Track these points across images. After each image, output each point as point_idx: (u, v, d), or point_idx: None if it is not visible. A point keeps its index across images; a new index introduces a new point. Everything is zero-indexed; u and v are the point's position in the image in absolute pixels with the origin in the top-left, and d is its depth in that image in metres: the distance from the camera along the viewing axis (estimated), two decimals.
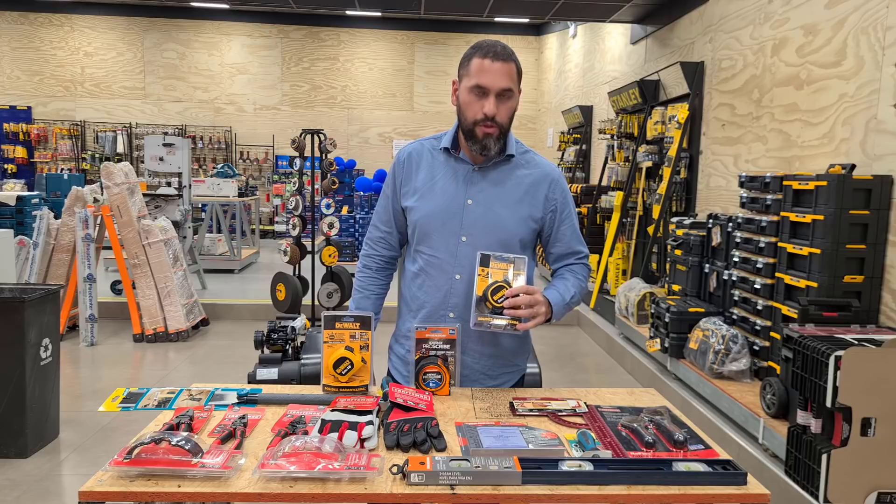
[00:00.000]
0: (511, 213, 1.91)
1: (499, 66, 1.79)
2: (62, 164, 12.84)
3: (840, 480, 2.43)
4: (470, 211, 1.90)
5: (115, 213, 5.77)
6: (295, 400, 1.81)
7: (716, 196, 5.71)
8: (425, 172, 1.95)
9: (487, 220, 1.90)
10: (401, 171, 1.99)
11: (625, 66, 8.23)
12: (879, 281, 3.54)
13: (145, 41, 12.85)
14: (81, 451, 3.70)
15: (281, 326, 2.86)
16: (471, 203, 1.90)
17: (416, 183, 1.95)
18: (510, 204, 1.91)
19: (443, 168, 1.94)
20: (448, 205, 1.91)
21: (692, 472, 1.42)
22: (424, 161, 1.97)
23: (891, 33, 3.59)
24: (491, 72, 1.79)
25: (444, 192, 1.92)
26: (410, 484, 1.35)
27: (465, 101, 1.85)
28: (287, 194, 12.51)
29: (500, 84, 1.80)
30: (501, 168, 1.93)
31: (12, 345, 3.48)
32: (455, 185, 1.92)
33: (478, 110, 1.82)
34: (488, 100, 1.81)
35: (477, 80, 1.81)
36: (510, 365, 2.06)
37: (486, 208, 1.90)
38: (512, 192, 1.92)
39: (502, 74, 1.80)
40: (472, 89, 1.82)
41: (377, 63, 13.38)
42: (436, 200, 1.92)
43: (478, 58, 1.81)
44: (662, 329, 4.71)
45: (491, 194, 1.91)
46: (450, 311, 1.95)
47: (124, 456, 1.38)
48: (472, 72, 1.82)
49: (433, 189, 1.93)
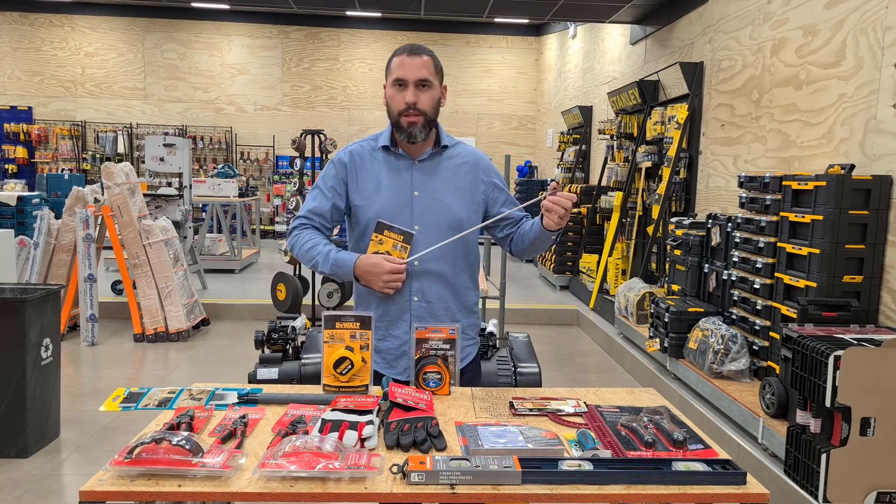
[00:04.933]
0: (455, 198, 2.06)
1: (414, 60, 2.00)
2: (63, 165, 12.84)
3: (839, 480, 2.44)
4: (418, 202, 2.04)
5: (116, 214, 5.78)
6: (295, 399, 1.82)
7: (715, 196, 5.72)
8: (369, 172, 2.08)
9: (436, 207, 2.04)
10: (343, 172, 2.10)
11: (624, 66, 8.23)
12: (878, 281, 3.55)
13: (146, 41, 12.86)
14: (82, 450, 3.71)
15: (281, 326, 2.86)
16: (417, 194, 2.05)
17: (361, 182, 2.08)
18: (453, 191, 2.07)
19: (385, 165, 2.08)
20: (396, 199, 2.04)
21: (691, 471, 1.42)
22: (366, 161, 2.09)
23: (890, 33, 3.60)
24: (407, 65, 1.99)
25: (391, 188, 2.05)
26: (410, 483, 1.36)
27: (390, 96, 2.03)
28: (287, 194, 12.52)
29: (417, 75, 1.99)
30: (438, 158, 2.09)
31: (13, 345, 3.48)
32: (399, 179, 2.06)
33: (400, 101, 2.00)
34: (408, 90, 1.99)
35: (396, 74, 2.00)
36: (467, 337, 2.13)
37: (433, 198, 2.05)
38: (452, 179, 2.08)
39: (418, 67, 1.99)
40: (394, 84, 2.01)
41: (377, 63, 13.37)
42: (384, 196, 2.04)
43: (396, 56, 2.03)
44: (662, 329, 4.72)
45: (434, 184, 2.06)
46: (414, 296, 2.05)
47: (125, 455, 1.38)
48: (393, 68, 2.02)
49: (380, 186, 2.05)
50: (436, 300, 2.06)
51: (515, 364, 2.55)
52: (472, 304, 2.16)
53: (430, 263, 2.02)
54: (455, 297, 2.09)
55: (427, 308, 2.06)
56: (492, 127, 13.74)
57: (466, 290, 2.14)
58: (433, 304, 2.06)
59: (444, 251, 2.00)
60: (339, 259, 2.01)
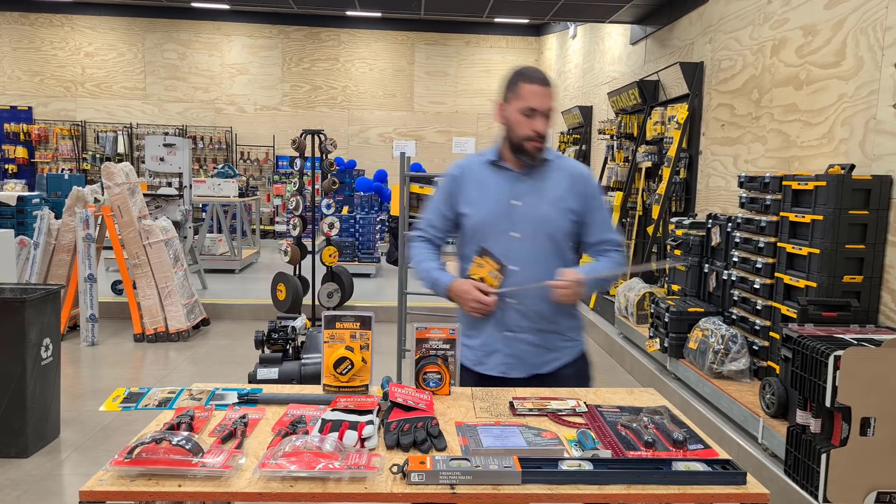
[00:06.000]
0: (553, 208, 2.16)
1: (547, 91, 2.11)
2: (63, 165, 12.85)
3: (839, 480, 2.44)
4: (517, 211, 2.15)
5: (116, 214, 5.78)
6: (295, 399, 1.82)
7: (715, 196, 5.72)
8: (475, 183, 2.23)
9: (534, 216, 2.15)
10: (456, 185, 2.26)
11: (624, 66, 8.23)
12: (878, 281, 3.55)
13: (146, 41, 12.86)
14: (82, 450, 3.71)
15: (281, 326, 2.86)
16: (518, 204, 2.16)
17: (468, 192, 2.23)
18: (552, 200, 2.17)
19: (490, 177, 2.21)
20: (497, 207, 2.17)
21: (691, 471, 1.42)
22: (474, 174, 2.24)
23: (890, 34, 3.60)
24: (540, 95, 2.10)
25: (493, 197, 2.19)
26: (410, 483, 1.36)
27: (516, 120, 2.12)
28: (287, 194, 12.51)
29: (547, 105, 2.11)
30: (540, 170, 2.19)
31: (13, 345, 3.48)
32: (501, 190, 2.18)
33: (528, 129, 2.10)
34: (538, 120, 2.10)
35: (528, 103, 2.09)
36: (566, 339, 2.24)
37: (532, 206, 2.16)
38: (552, 190, 2.18)
39: (549, 97, 2.12)
40: (523, 111, 2.10)
41: (377, 64, 13.39)
42: (488, 205, 2.18)
43: (526, 83, 2.11)
44: (662, 329, 4.72)
45: (533, 194, 2.17)
46: (508, 298, 2.13)
47: (125, 455, 1.38)
48: (524, 95, 2.10)
49: (484, 196, 2.20)
50: (529, 302, 2.12)
51: None
52: (568, 307, 2.20)
53: (524, 266, 2.11)
54: (547, 300, 2.12)
55: (520, 309, 2.13)
56: (492, 127, 13.74)
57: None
58: (526, 305, 2.12)
59: (537, 254, 2.12)
60: (438, 280, 2.19)
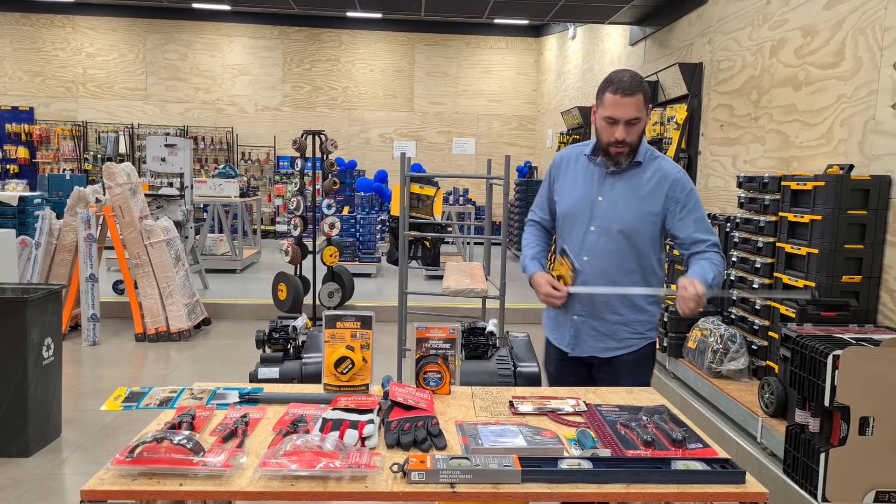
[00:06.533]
0: (634, 209, 2.28)
1: (627, 100, 2.18)
2: (64, 165, 12.86)
3: (838, 479, 2.44)
4: (599, 206, 2.30)
5: (118, 214, 5.79)
6: (296, 399, 1.83)
7: (714, 196, 5.72)
8: (570, 174, 2.39)
9: (613, 214, 2.28)
10: (556, 172, 2.45)
11: (624, 67, 8.24)
12: (877, 281, 3.55)
13: (147, 42, 12.87)
14: (83, 450, 3.72)
15: (282, 326, 2.87)
16: (601, 200, 2.30)
17: (563, 181, 2.41)
18: (634, 202, 2.28)
19: (583, 170, 2.37)
20: (583, 200, 2.33)
21: (691, 470, 1.43)
22: (571, 164, 2.41)
23: (889, 34, 3.60)
24: (620, 105, 2.18)
25: (580, 191, 2.35)
26: (411, 482, 1.36)
27: (601, 127, 2.26)
28: (288, 195, 12.51)
29: (628, 115, 2.19)
30: (630, 171, 2.30)
31: (14, 344, 3.49)
32: (589, 184, 2.34)
33: (610, 135, 2.22)
34: (619, 128, 2.20)
35: (609, 112, 2.21)
36: (633, 332, 2.35)
37: (613, 204, 2.29)
38: (636, 191, 2.29)
39: (630, 107, 2.18)
40: (606, 119, 2.22)
41: (378, 64, 13.39)
42: (575, 196, 2.35)
43: (610, 93, 2.20)
44: (661, 328, 4.73)
45: (618, 193, 2.29)
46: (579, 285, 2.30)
47: (126, 455, 1.39)
48: (606, 104, 2.22)
49: (573, 187, 2.37)
50: (597, 294, 2.27)
51: (515, 363, 2.56)
52: (639, 302, 2.33)
53: (595, 258, 2.28)
54: (617, 294, 2.27)
55: (588, 299, 2.30)
56: (492, 127, 13.75)
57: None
58: (594, 296, 2.29)
59: (610, 250, 2.26)
60: (527, 268, 2.43)
